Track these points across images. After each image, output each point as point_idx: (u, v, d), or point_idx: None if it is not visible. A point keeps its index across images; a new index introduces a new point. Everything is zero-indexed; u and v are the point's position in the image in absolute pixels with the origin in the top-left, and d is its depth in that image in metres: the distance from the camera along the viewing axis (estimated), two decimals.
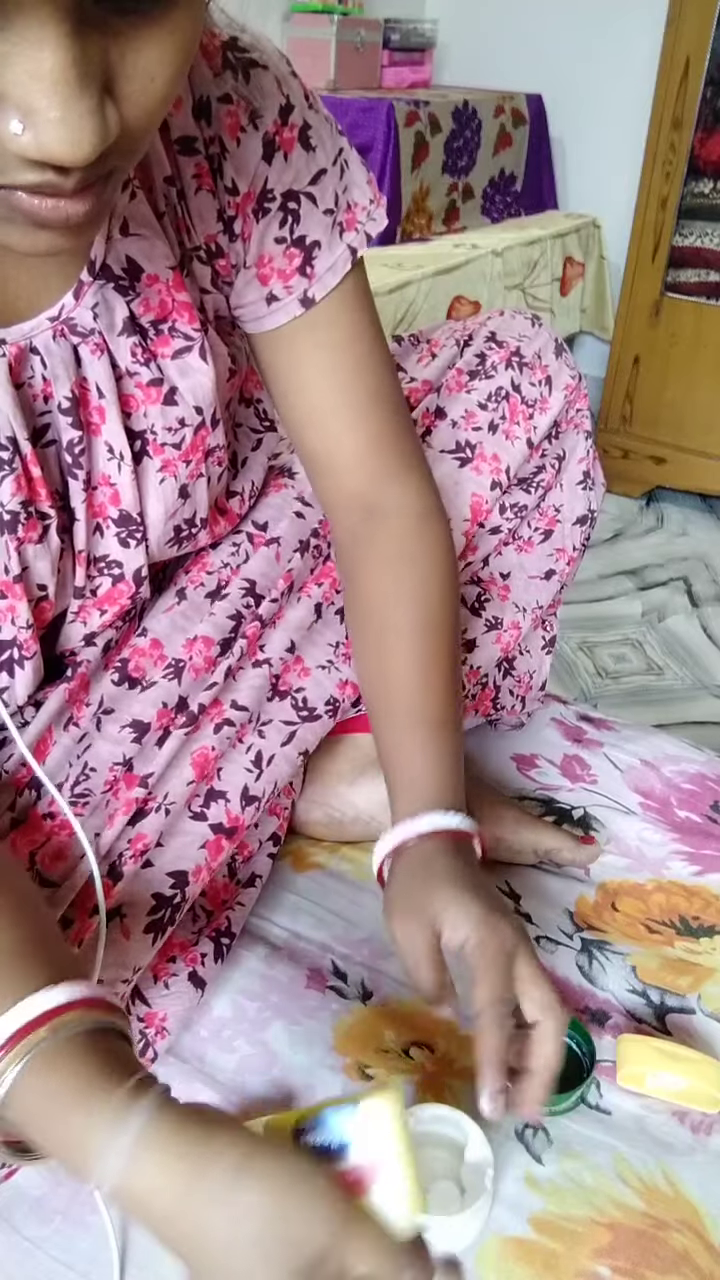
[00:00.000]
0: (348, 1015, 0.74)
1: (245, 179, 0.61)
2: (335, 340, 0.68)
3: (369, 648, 0.72)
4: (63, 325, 0.57)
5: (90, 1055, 0.45)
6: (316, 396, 0.69)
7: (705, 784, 0.98)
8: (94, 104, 0.35)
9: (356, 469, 0.71)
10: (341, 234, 0.65)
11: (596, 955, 0.80)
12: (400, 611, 0.71)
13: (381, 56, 2.23)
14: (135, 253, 0.59)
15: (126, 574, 0.67)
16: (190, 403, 0.64)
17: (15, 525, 0.59)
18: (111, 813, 0.67)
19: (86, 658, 0.71)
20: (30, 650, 0.63)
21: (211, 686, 0.73)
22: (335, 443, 0.70)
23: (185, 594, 0.76)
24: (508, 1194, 0.63)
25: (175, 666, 0.72)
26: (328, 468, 0.72)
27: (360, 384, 0.69)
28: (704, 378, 2.11)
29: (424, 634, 0.70)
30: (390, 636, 0.70)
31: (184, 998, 0.70)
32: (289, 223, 0.63)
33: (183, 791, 0.70)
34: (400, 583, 0.71)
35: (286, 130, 0.61)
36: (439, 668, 0.70)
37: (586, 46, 2.37)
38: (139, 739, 0.70)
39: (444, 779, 0.67)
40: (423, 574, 0.71)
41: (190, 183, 0.60)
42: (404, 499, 0.72)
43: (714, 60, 1.88)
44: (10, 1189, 0.62)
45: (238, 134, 0.60)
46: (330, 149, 0.64)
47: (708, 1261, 0.60)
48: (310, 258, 0.65)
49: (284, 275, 0.65)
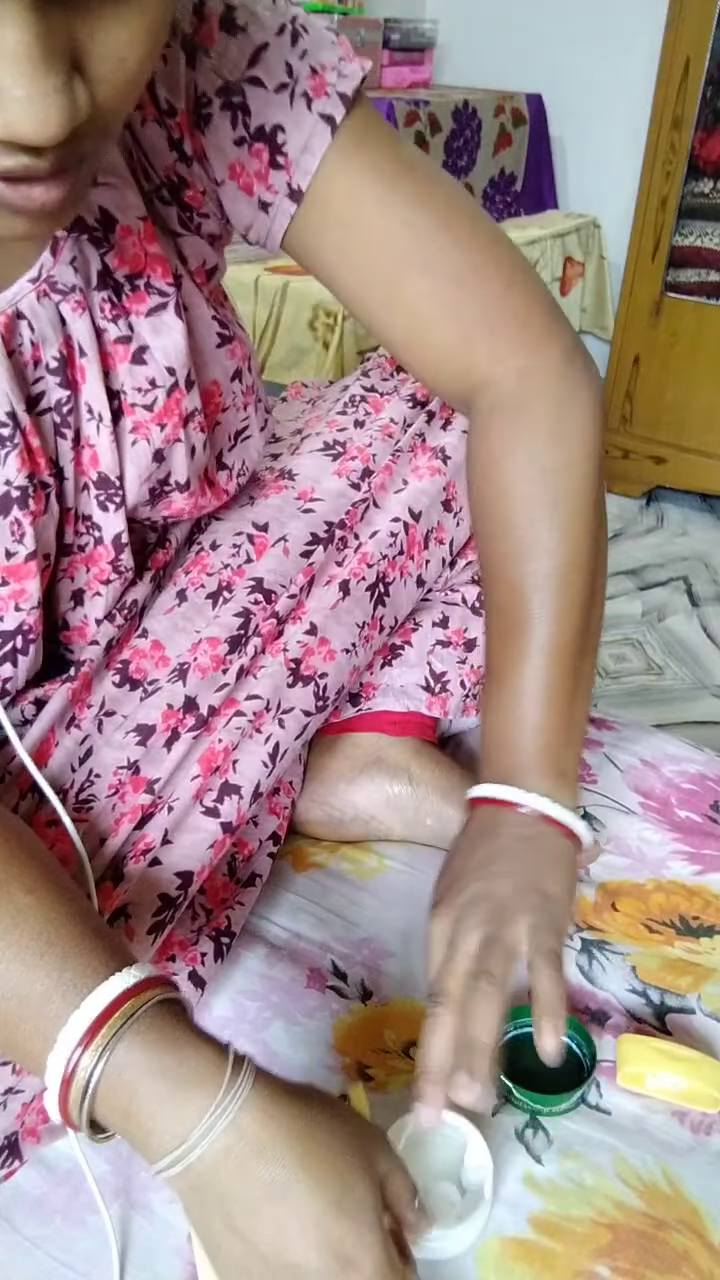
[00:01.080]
0: (348, 1015, 0.74)
1: (179, 95, 0.57)
2: (359, 219, 0.61)
3: (498, 560, 0.66)
4: (44, 285, 0.56)
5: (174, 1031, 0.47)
6: (374, 293, 0.62)
7: (705, 784, 0.98)
8: (60, 81, 0.34)
9: (465, 344, 0.63)
10: (309, 104, 0.59)
11: (596, 955, 0.80)
12: (536, 526, 0.64)
13: (381, 56, 2.23)
14: (106, 202, 0.57)
15: (106, 538, 0.65)
16: (161, 362, 0.61)
17: (25, 501, 0.58)
18: (118, 818, 0.67)
19: (89, 657, 0.70)
20: (36, 632, 0.62)
21: (223, 687, 0.71)
22: (423, 339, 0.63)
23: (186, 595, 0.76)
24: (508, 1194, 0.63)
25: (180, 669, 0.72)
26: (426, 371, 0.65)
27: (416, 255, 0.61)
28: (704, 378, 2.11)
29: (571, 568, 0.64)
30: (524, 559, 0.64)
31: None
32: (240, 118, 0.58)
33: (189, 787, 0.69)
34: (544, 494, 0.64)
35: (204, 26, 0.57)
36: (574, 604, 0.65)
37: (586, 46, 2.37)
38: (143, 742, 0.69)
39: (576, 755, 0.66)
40: (570, 491, 0.64)
41: (134, 116, 0.57)
42: (530, 383, 0.64)
43: (714, 60, 1.88)
44: (10, 1189, 0.62)
45: (164, 51, 0.56)
46: (269, 20, 0.58)
47: (708, 1261, 0.60)
48: (278, 146, 0.59)
49: (261, 176, 0.60)
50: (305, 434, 0.86)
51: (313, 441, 0.84)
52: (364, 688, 0.89)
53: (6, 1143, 0.61)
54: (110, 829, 0.66)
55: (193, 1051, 0.47)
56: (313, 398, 0.96)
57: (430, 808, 0.88)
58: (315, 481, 0.80)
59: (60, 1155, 0.64)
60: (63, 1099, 0.46)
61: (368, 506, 0.80)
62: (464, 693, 0.88)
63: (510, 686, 0.66)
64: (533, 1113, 0.68)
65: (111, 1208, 0.60)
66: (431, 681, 0.88)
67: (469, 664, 0.88)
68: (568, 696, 0.66)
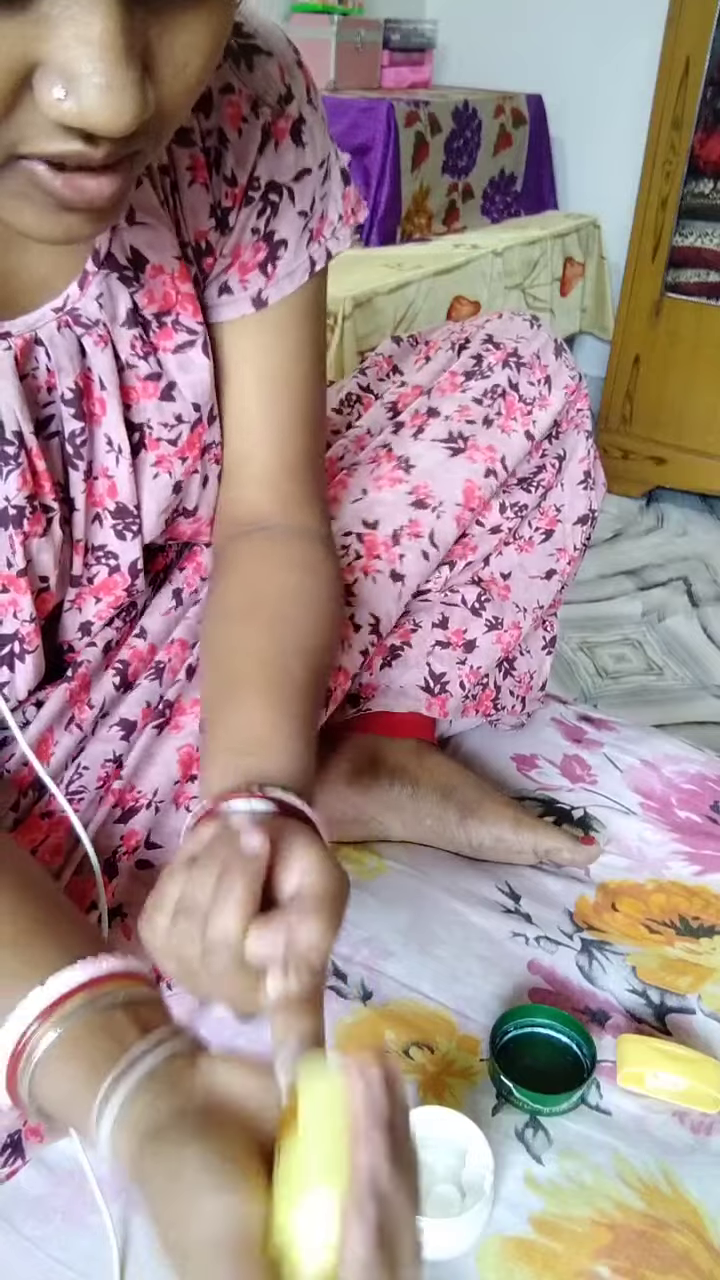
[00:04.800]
0: (348, 1015, 0.74)
1: (244, 170, 0.60)
2: (278, 349, 0.66)
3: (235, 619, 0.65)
4: (67, 316, 0.57)
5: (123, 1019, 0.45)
6: (247, 399, 0.67)
7: (705, 784, 0.98)
8: (138, 75, 0.35)
9: (263, 482, 0.69)
10: (309, 242, 0.64)
11: (596, 955, 0.80)
12: (290, 605, 0.65)
13: (381, 56, 2.23)
14: (140, 243, 0.58)
15: (122, 566, 0.67)
16: (189, 399, 0.63)
17: (21, 520, 0.59)
18: (101, 808, 0.68)
19: (87, 658, 0.71)
20: (32, 644, 0.63)
21: (177, 683, 0.73)
22: (252, 447, 0.68)
23: (181, 597, 0.76)
24: (508, 1194, 0.63)
25: (157, 668, 0.73)
26: (237, 473, 0.70)
27: (290, 401, 0.68)
28: (704, 378, 2.11)
29: (314, 633, 0.65)
30: (277, 622, 0.64)
31: (186, 999, 0.70)
32: (266, 214, 0.62)
33: (170, 789, 0.70)
34: (293, 577, 0.67)
35: (282, 120, 0.60)
36: (320, 671, 0.64)
37: (586, 46, 2.37)
38: (127, 737, 0.70)
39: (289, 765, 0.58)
40: (317, 585, 0.67)
41: (184, 175, 0.59)
42: (306, 525, 0.70)
43: (714, 60, 1.88)
44: (10, 1189, 0.62)
45: (239, 124, 0.59)
46: (319, 150, 0.63)
47: (708, 1261, 0.60)
48: (274, 256, 0.64)
49: (245, 268, 0.64)
50: None
51: None
52: (363, 688, 0.89)
53: (10, 1141, 0.61)
54: (97, 818, 0.67)
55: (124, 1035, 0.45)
56: None
57: (430, 808, 0.88)
58: None
59: (61, 1155, 0.64)
60: (10, 1073, 0.45)
61: None
62: (463, 693, 0.88)
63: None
64: (533, 1113, 0.68)
65: (112, 1208, 0.60)
66: (431, 682, 0.88)
67: (468, 665, 0.88)
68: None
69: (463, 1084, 0.70)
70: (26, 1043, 0.45)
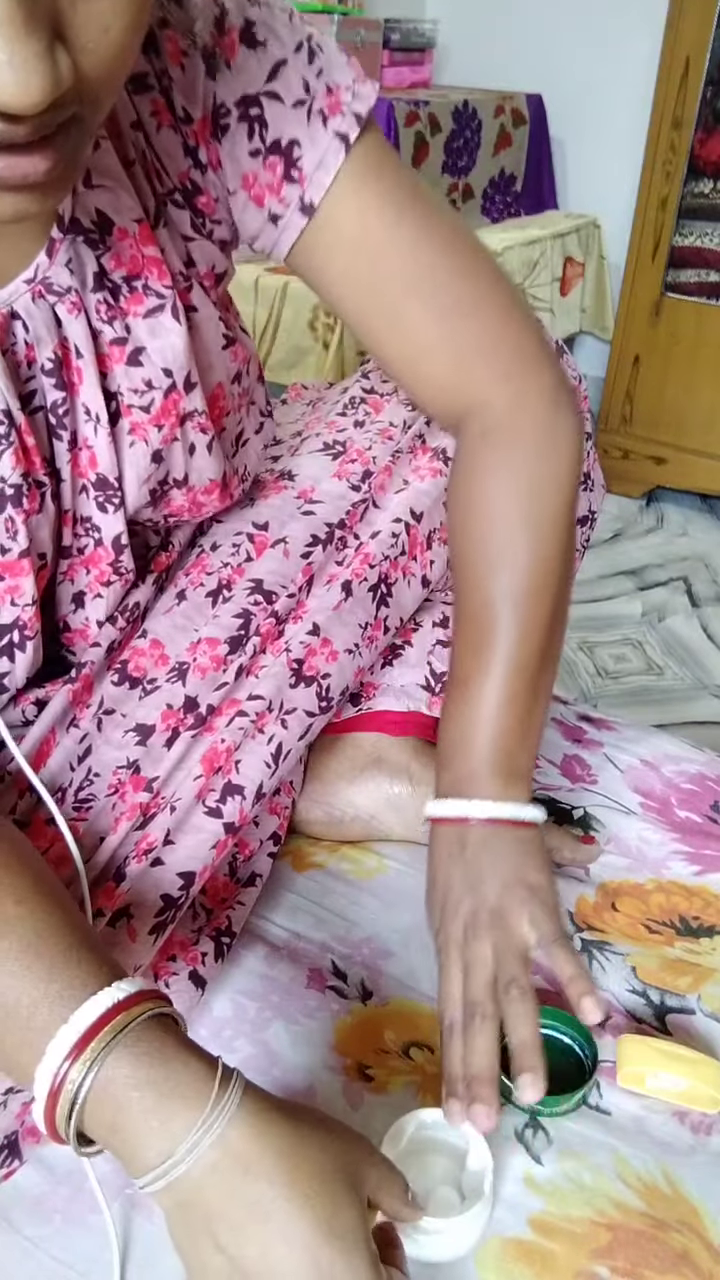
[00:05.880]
0: (348, 1015, 0.74)
1: (195, 103, 0.58)
2: (367, 241, 0.61)
3: (469, 580, 0.69)
4: (40, 285, 0.56)
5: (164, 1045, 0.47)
6: (374, 302, 0.63)
7: (705, 784, 0.98)
8: (42, 47, 0.34)
9: (445, 390, 0.65)
10: (325, 122, 0.60)
11: (596, 955, 0.80)
12: (512, 548, 0.67)
13: (381, 56, 2.23)
14: (104, 205, 0.57)
15: (105, 539, 0.66)
16: (158, 364, 0.61)
17: (20, 499, 0.58)
18: (117, 817, 0.67)
19: (90, 659, 0.70)
20: (33, 629, 0.62)
21: (222, 686, 0.71)
22: (417, 350, 0.64)
23: (185, 595, 0.76)
24: (508, 1194, 0.63)
25: (179, 669, 0.72)
26: (422, 375, 0.66)
27: (415, 271, 0.62)
28: (704, 378, 2.11)
29: (531, 580, 0.68)
30: (497, 576, 0.68)
31: (184, 997, 0.70)
32: (256, 130, 0.59)
33: (191, 787, 0.69)
34: (515, 506, 0.67)
35: (225, 38, 0.58)
36: (543, 628, 0.69)
37: (586, 46, 2.37)
38: (143, 742, 0.69)
39: (531, 758, 0.67)
40: (534, 503, 0.67)
41: (150, 121, 0.58)
42: (519, 410, 0.66)
43: (714, 60, 1.88)
44: (10, 1189, 0.62)
45: (180, 59, 0.57)
46: (287, 38, 0.59)
47: (708, 1261, 0.60)
48: (293, 160, 0.60)
49: (273, 188, 0.60)
50: (305, 435, 0.86)
51: (312, 442, 0.84)
52: (364, 688, 0.89)
53: (6, 1142, 0.61)
54: (110, 827, 0.66)
55: (180, 1065, 0.47)
56: (312, 399, 0.96)
57: None
58: (315, 482, 0.80)
59: (60, 1155, 0.64)
60: (49, 1111, 0.46)
61: (367, 507, 0.79)
62: None
63: (472, 694, 0.71)
64: (533, 1113, 0.68)
65: (112, 1207, 0.60)
66: (432, 681, 0.88)
67: None
68: (526, 706, 0.70)
69: None
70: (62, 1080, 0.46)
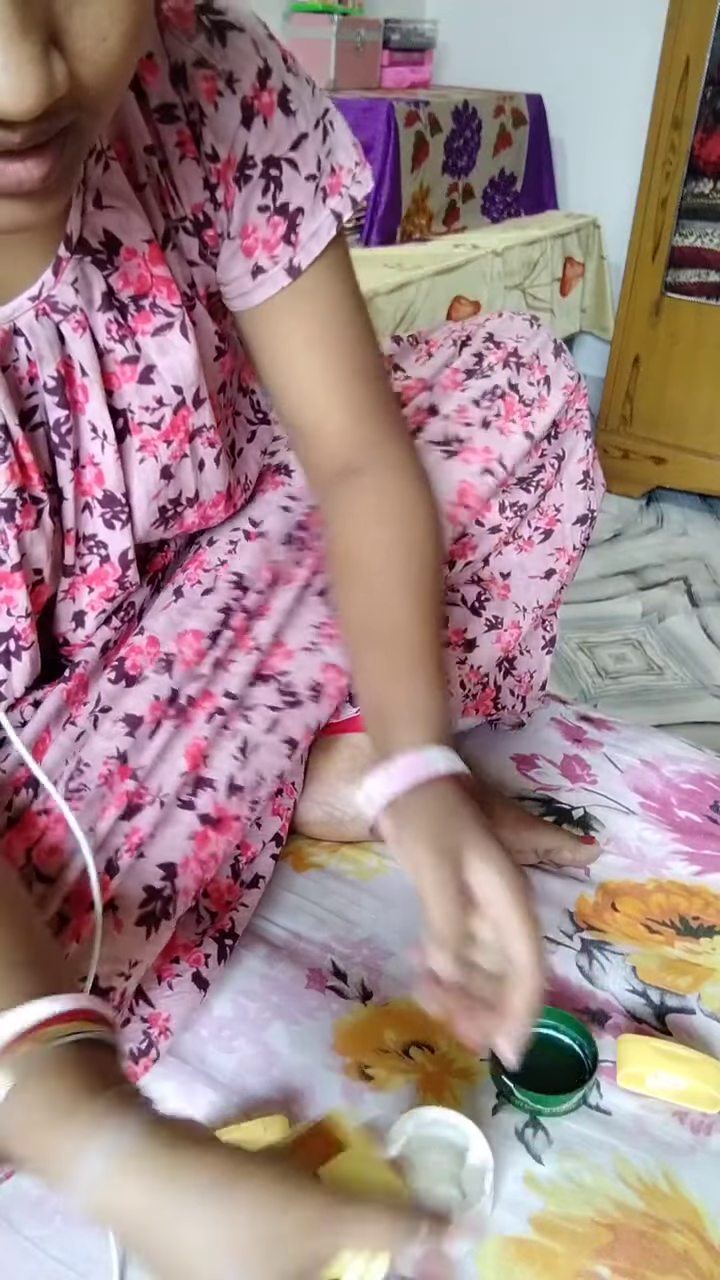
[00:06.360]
0: (348, 1015, 0.74)
1: (225, 145, 0.60)
2: (320, 310, 0.67)
3: (357, 591, 0.70)
4: (44, 304, 0.57)
5: (71, 1069, 0.44)
6: (302, 369, 0.68)
7: (705, 784, 0.98)
8: (36, 52, 0.34)
9: (341, 438, 0.70)
10: (325, 199, 0.64)
11: (596, 955, 0.80)
12: (389, 560, 0.70)
13: (381, 56, 2.23)
14: (112, 226, 0.58)
15: (112, 555, 0.66)
16: (168, 381, 0.63)
17: (12, 513, 0.59)
18: (105, 806, 0.67)
19: (85, 658, 0.71)
20: (28, 640, 0.63)
21: (199, 678, 0.73)
22: (321, 414, 0.70)
23: (182, 592, 0.76)
24: (508, 1194, 0.63)
25: (165, 660, 0.73)
26: (314, 438, 0.71)
27: (344, 355, 0.68)
28: (704, 378, 2.11)
29: (415, 582, 0.69)
30: (379, 579, 0.69)
31: (187, 998, 0.70)
32: (271, 190, 0.62)
33: (176, 783, 0.70)
34: (388, 532, 0.70)
35: (265, 95, 0.60)
36: (433, 613, 0.69)
37: (586, 46, 2.38)
38: (132, 732, 0.70)
39: (446, 719, 0.66)
40: (409, 527, 0.71)
41: (174, 151, 0.59)
42: (387, 461, 0.72)
43: (714, 60, 1.88)
44: (10, 1189, 0.62)
45: (214, 98, 0.59)
46: (311, 112, 0.62)
47: (708, 1261, 0.60)
48: (294, 225, 0.64)
49: (268, 245, 0.64)
50: None
51: None
52: None
53: None
54: (99, 816, 0.67)
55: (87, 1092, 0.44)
56: None
57: None
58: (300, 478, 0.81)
59: None
60: None
61: None
62: (463, 693, 0.88)
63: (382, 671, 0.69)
64: (533, 1113, 0.68)
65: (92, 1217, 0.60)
66: None
67: (468, 664, 0.88)
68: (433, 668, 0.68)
69: (463, 1084, 0.70)
70: None
